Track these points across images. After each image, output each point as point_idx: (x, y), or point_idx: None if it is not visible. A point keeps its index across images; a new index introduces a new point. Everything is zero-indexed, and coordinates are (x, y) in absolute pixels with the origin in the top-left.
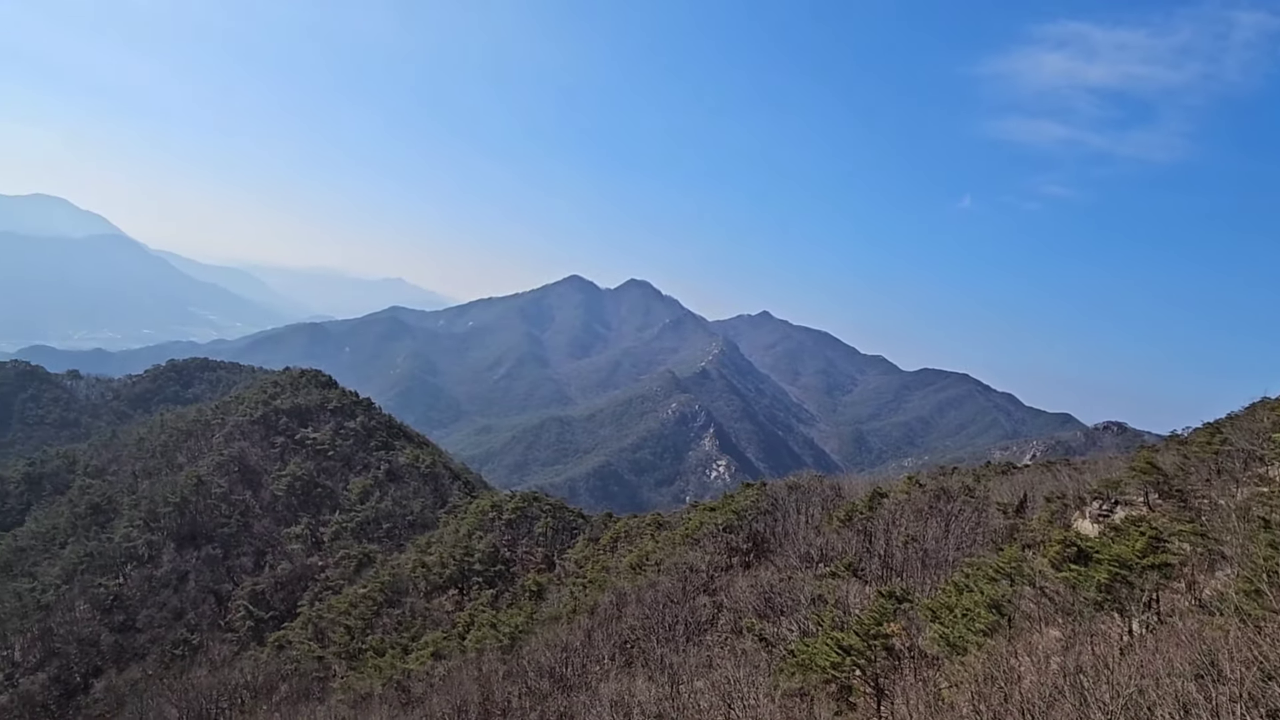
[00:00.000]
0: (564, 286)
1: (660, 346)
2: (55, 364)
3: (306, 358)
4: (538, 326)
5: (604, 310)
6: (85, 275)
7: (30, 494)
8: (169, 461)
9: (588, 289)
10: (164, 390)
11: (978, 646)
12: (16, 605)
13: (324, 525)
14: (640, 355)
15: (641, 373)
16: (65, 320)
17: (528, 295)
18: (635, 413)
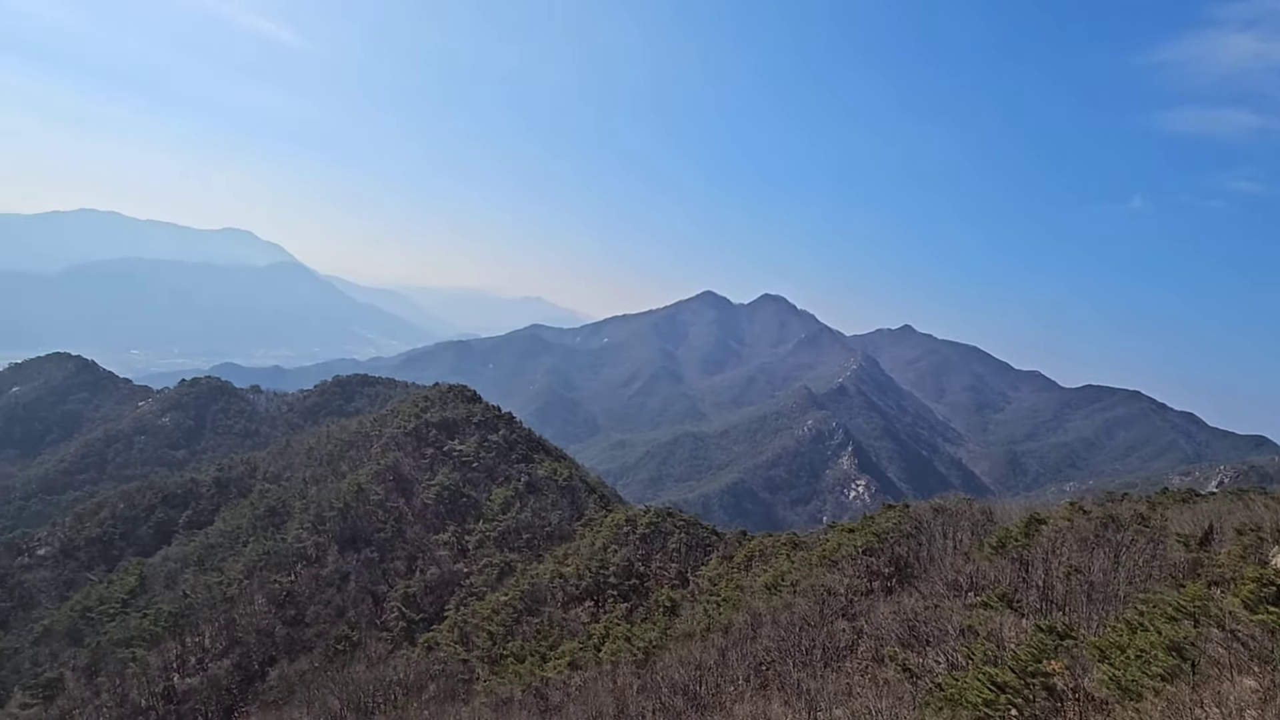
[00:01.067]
0: (697, 303)
1: (795, 362)
2: (241, 379)
3: (454, 373)
4: (671, 342)
5: (737, 326)
6: (266, 300)
7: (219, 496)
8: (334, 469)
9: (721, 305)
10: (330, 404)
11: (1155, 693)
12: (207, 596)
13: (469, 533)
14: (775, 371)
15: (776, 389)
16: (250, 340)
17: (661, 312)
18: (770, 429)
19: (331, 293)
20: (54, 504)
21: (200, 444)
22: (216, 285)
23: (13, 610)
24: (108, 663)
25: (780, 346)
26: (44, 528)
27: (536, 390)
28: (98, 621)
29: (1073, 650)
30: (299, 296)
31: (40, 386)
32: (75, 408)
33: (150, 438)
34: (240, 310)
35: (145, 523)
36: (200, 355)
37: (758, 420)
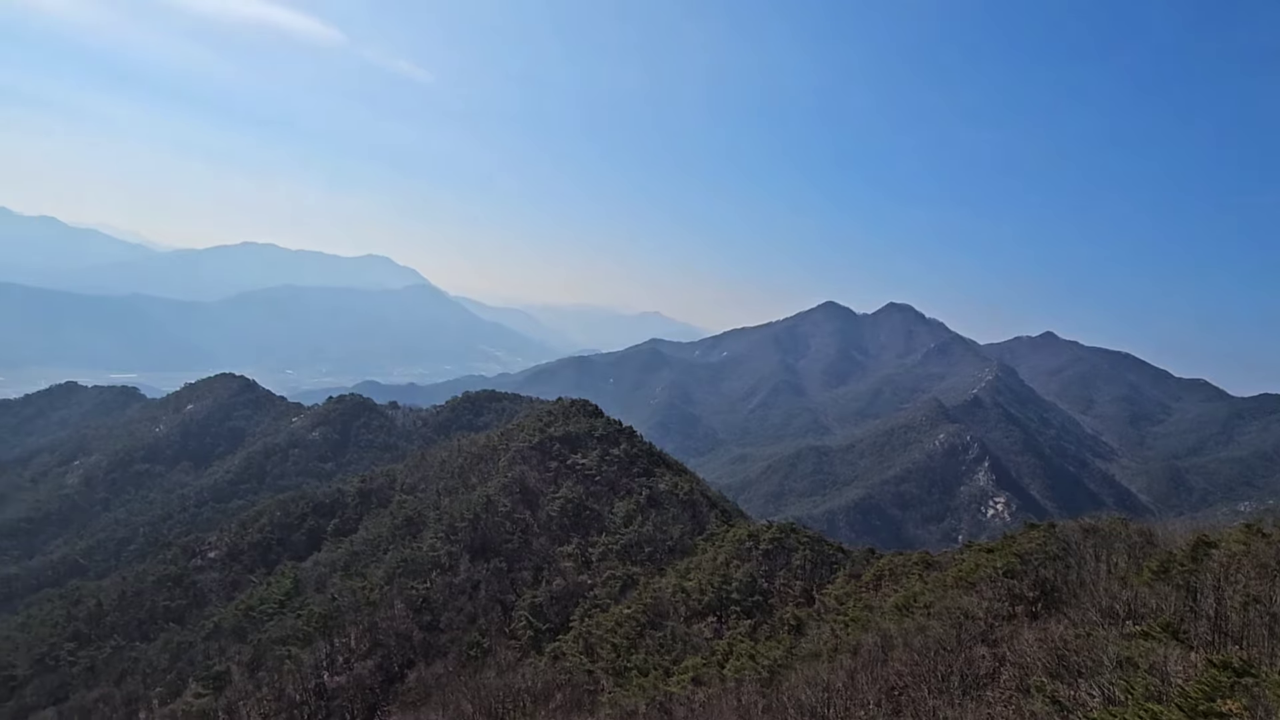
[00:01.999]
0: (818, 314)
1: (924, 373)
2: (380, 396)
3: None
4: (792, 355)
5: (861, 336)
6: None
7: (362, 506)
8: (464, 482)
9: (843, 315)
10: (460, 419)
11: None
12: (352, 600)
13: (592, 546)
14: (902, 383)
15: (904, 401)
16: (388, 359)
17: (781, 324)
18: (898, 443)
19: (460, 312)
20: (222, 511)
21: (345, 456)
22: (358, 308)
23: (188, 608)
24: (267, 659)
25: (907, 357)
26: (213, 533)
27: (656, 404)
28: (258, 620)
29: (1253, 689)
30: (431, 317)
31: (210, 404)
32: (239, 424)
33: (302, 451)
34: (379, 331)
35: (298, 530)
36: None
37: (884, 434)
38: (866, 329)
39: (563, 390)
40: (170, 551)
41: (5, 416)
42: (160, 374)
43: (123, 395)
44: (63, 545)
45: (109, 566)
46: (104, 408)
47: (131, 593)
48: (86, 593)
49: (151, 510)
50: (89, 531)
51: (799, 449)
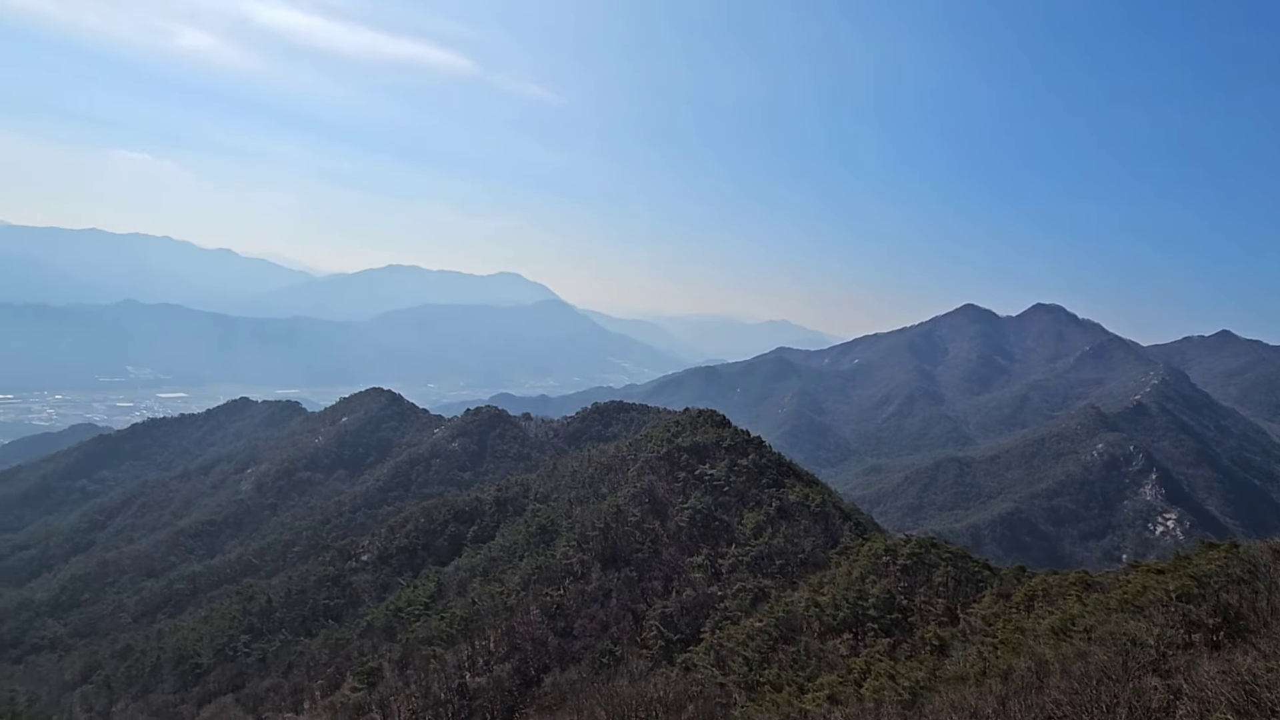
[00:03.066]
0: (957, 317)
1: (1078, 378)
2: (514, 408)
3: (702, 399)
4: (929, 361)
5: (1004, 340)
6: (534, 335)
7: (499, 514)
8: (594, 491)
9: (984, 318)
10: (590, 429)
11: None
12: (491, 605)
13: (721, 557)
14: (1052, 389)
15: (1055, 408)
16: (521, 372)
17: (916, 329)
18: (1049, 454)
19: (589, 325)
20: (373, 517)
21: (482, 466)
22: (492, 324)
23: (345, 606)
24: (414, 658)
25: (1058, 361)
26: (366, 537)
27: (785, 414)
28: (406, 620)
29: None
30: (561, 330)
31: (361, 417)
32: (387, 434)
33: (443, 461)
34: (512, 345)
35: (441, 535)
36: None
37: (1034, 444)
38: (1011, 332)
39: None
40: (329, 554)
41: (190, 429)
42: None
43: (287, 409)
44: (238, 546)
45: (277, 566)
46: (271, 421)
47: (296, 591)
48: (258, 590)
49: (312, 515)
50: (260, 534)
51: (938, 459)
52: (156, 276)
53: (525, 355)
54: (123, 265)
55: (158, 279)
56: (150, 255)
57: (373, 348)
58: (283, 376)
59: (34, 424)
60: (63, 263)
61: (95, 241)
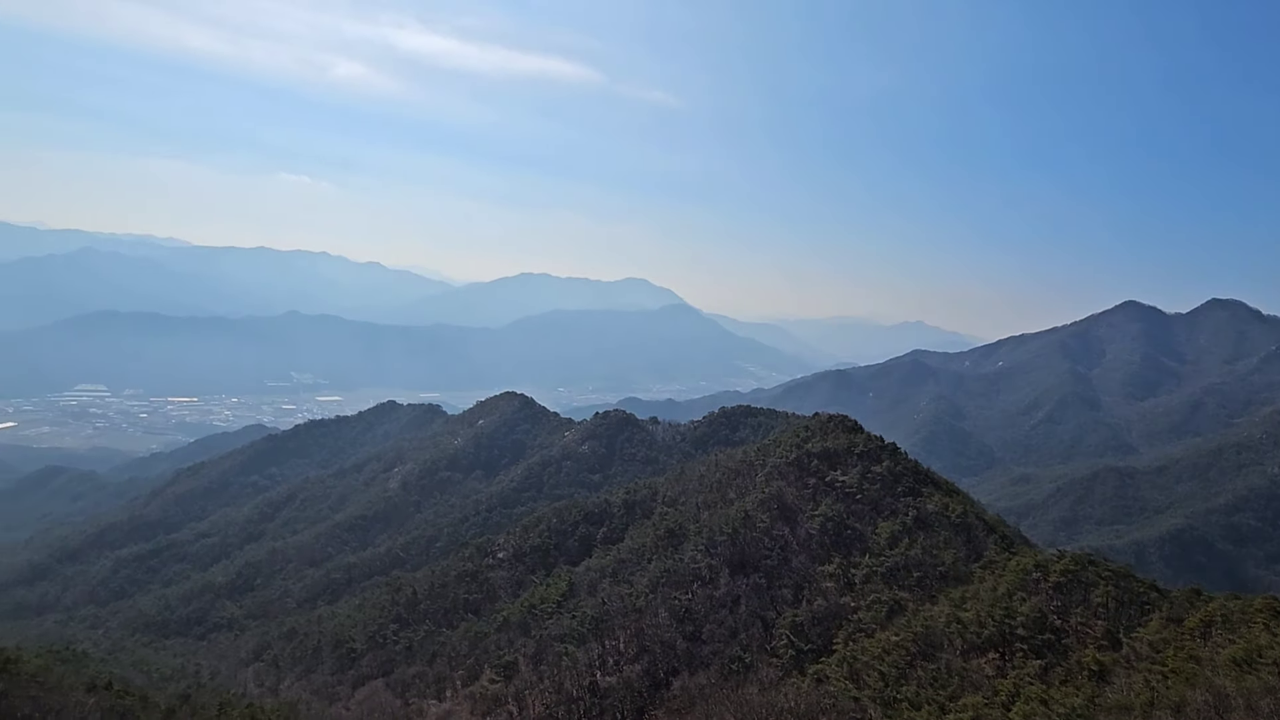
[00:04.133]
0: (1116, 315)
1: (1263, 381)
2: (641, 412)
3: (832, 403)
4: (1083, 363)
5: (1172, 340)
6: (660, 339)
7: (627, 516)
8: (722, 496)
9: (1148, 316)
10: (717, 434)
11: None
12: (620, 606)
13: (854, 567)
14: (1231, 393)
15: (1234, 415)
16: (647, 376)
17: (1068, 329)
18: (1229, 465)
19: (715, 329)
20: (508, 516)
21: (611, 469)
22: (620, 328)
23: (482, 601)
24: (548, 654)
25: (1238, 363)
26: (501, 535)
27: (921, 419)
28: (540, 618)
29: None
30: (687, 334)
31: (496, 420)
32: (520, 437)
33: (573, 463)
34: (639, 349)
35: (571, 536)
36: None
37: (1210, 454)
38: (1180, 331)
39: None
40: (467, 550)
41: (345, 430)
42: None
43: (429, 412)
44: (387, 540)
45: (422, 560)
46: (415, 423)
47: (438, 585)
48: (405, 582)
49: (452, 513)
50: (405, 529)
51: (1095, 470)
52: (316, 289)
53: (652, 359)
54: (287, 280)
55: (317, 291)
56: (310, 270)
57: (507, 353)
58: (425, 380)
59: (214, 424)
60: (238, 278)
61: (264, 258)
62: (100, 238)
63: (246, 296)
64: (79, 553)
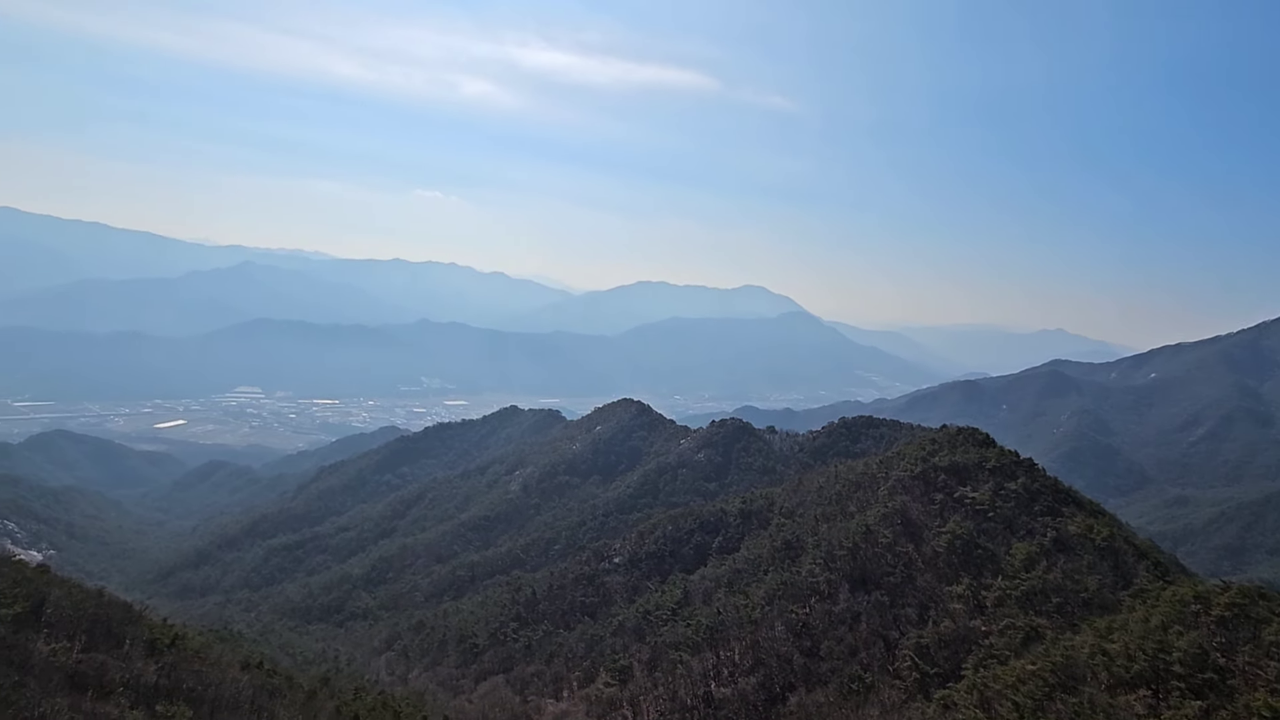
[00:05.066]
0: None
1: None
2: (758, 421)
3: (961, 415)
4: (1253, 375)
5: None
6: (778, 347)
7: (743, 526)
8: (842, 509)
9: None
10: (836, 444)
11: None
12: (735, 616)
13: (986, 589)
14: None
15: None
16: (765, 384)
17: (1233, 338)
18: None
19: (834, 337)
20: (624, 521)
21: (727, 478)
22: (737, 337)
23: (598, 605)
24: (662, 661)
25: None
26: (618, 540)
27: (1062, 434)
28: (655, 624)
29: None
30: (805, 342)
31: (614, 426)
32: (636, 443)
33: (689, 471)
34: (756, 357)
35: (687, 544)
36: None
37: None
38: None
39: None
40: (584, 554)
41: (469, 433)
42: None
43: (549, 417)
44: (508, 540)
45: (540, 562)
46: (536, 427)
47: (556, 586)
48: (525, 583)
49: (570, 516)
50: (526, 531)
51: (1268, 493)
52: (445, 298)
53: (769, 368)
54: (419, 289)
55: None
56: (441, 280)
57: (624, 360)
58: (545, 386)
59: (353, 425)
60: (376, 289)
61: (399, 270)
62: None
63: (383, 305)
64: (236, 541)
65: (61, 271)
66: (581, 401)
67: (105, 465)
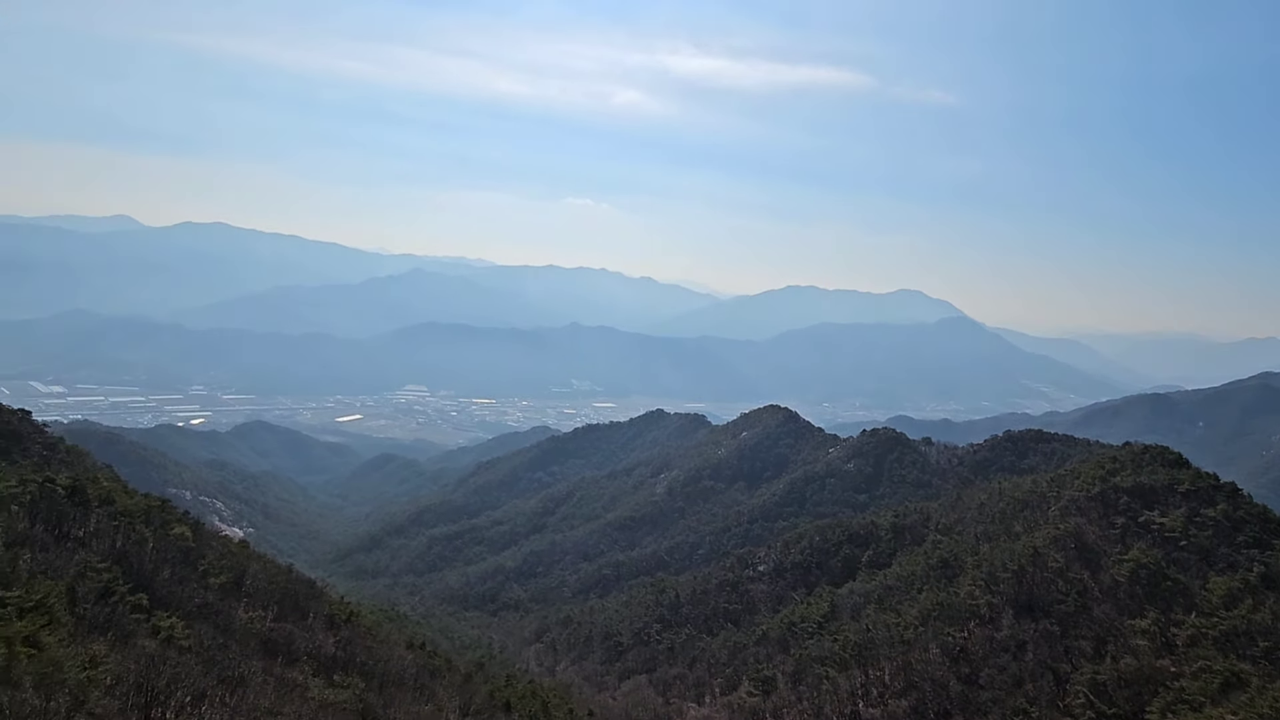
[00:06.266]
0: None
1: None
2: (912, 431)
3: (1148, 432)
4: None
5: None
6: (935, 355)
7: (895, 541)
8: (1006, 529)
9: None
10: (1000, 459)
11: None
12: (886, 635)
13: (1176, 625)
14: None
15: None
16: (920, 394)
17: None
18: None
19: (1000, 345)
20: (769, 529)
21: (878, 490)
22: (890, 343)
23: (742, 612)
24: (807, 675)
25: None
26: (762, 548)
27: (1273, 456)
28: (799, 636)
29: None
30: (967, 350)
31: (759, 432)
32: (783, 451)
33: (838, 481)
34: (911, 365)
35: (834, 556)
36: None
37: None
38: None
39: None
40: (728, 560)
41: (617, 435)
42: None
43: (694, 421)
44: (652, 542)
45: (684, 565)
46: (681, 431)
47: (700, 591)
48: (668, 585)
49: (714, 521)
50: (669, 534)
51: None
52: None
53: (926, 376)
54: (571, 294)
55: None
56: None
57: (771, 366)
58: (691, 390)
59: (508, 424)
60: (531, 294)
61: (552, 275)
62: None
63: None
64: (403, 529)
65: (263, 279)
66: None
67: (295, 453)
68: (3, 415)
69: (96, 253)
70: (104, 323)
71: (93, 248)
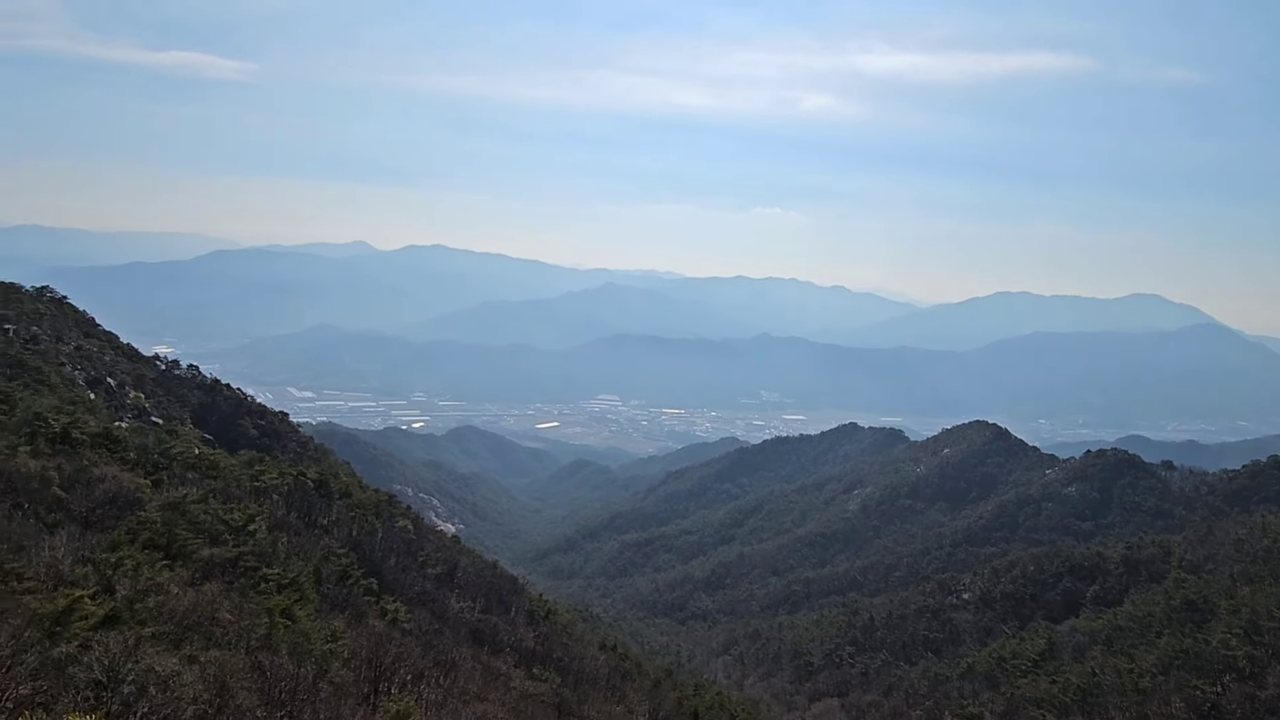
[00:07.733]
0: None
1: None
2: (1149, 454)
3: None
4: None
5: None
6: (1177, 367)
7: (1128, 576)
8: (1273, 570)
9: None
10: (1265, 488)
11: None
12: (1116, 681)
13: None
14: None
15: None
16: (1158, 411)
17: None
18: None
19: (1263, 355)
20: (974, 555)
21: (1106, 518)
22: (1120, 354)
23: (944, 642)
24: (1019, 717)
25: None
26: (967, 575)
27: None
28: (1011, 674)
29: None
30: (1219, 362)
31: (964, 449)
32: (990, 470)
33: (1056, 505)
34: (1147, 379)
35: (1053, 589)
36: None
37: None
38: None
39: None
40: (928, 585)
41: (807, 448)
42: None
43: (890, 436)
44: (844, 561)
45: (879, 587)
46: (875, 446)
47: (897, 615)
48: (862, 607)
49: (913, 543)
50: (863, 553)
51: None
52: (785, 313)
53: (1165, 391)
54: (760, 305)
55: (785, 315)
56: (780, 295)
57: (977, 378)
58: (886, 404)
59: (696, 434)
60: (719, 305)
61: (741, 286)
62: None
63: (726, 320)
64: (596, 533)
65: (473, 294)
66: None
67: (499, 457)
68: (268, 416)
69: (340, 275)
70: (345, 337)
71: (336, 271)
